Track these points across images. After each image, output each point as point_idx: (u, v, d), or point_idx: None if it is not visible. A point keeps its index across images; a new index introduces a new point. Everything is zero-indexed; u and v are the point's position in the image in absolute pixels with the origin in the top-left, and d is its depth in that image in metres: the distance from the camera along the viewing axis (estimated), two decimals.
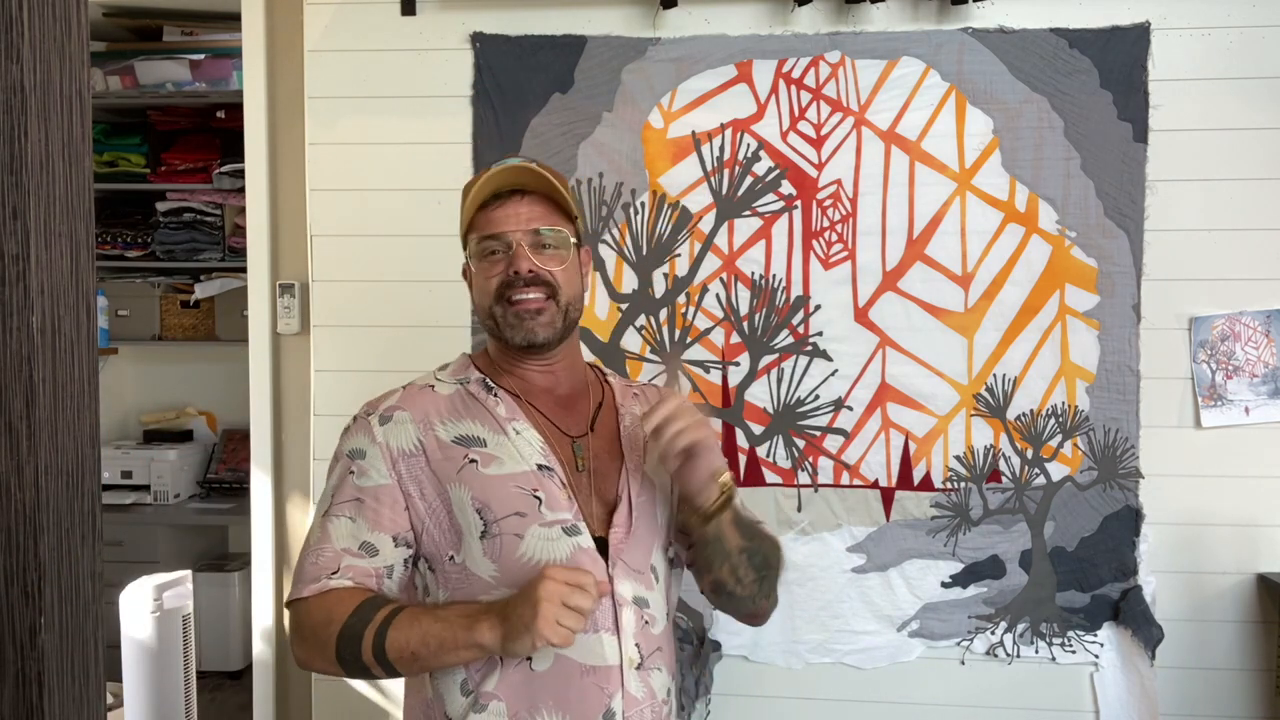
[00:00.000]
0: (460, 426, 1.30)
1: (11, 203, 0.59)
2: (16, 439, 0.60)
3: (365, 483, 1.27)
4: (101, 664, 0.68)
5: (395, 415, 1.31)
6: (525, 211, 1.32)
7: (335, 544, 1.23)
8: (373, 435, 1.29)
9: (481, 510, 1.24)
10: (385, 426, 1.30)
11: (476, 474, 1.26)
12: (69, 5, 0.63)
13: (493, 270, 1.32)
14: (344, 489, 1.27)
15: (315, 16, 2.52)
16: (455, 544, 1.25)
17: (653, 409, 1.22)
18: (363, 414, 1.33)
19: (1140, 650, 2.40)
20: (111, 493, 3.68)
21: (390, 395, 1.35)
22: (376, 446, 1.28)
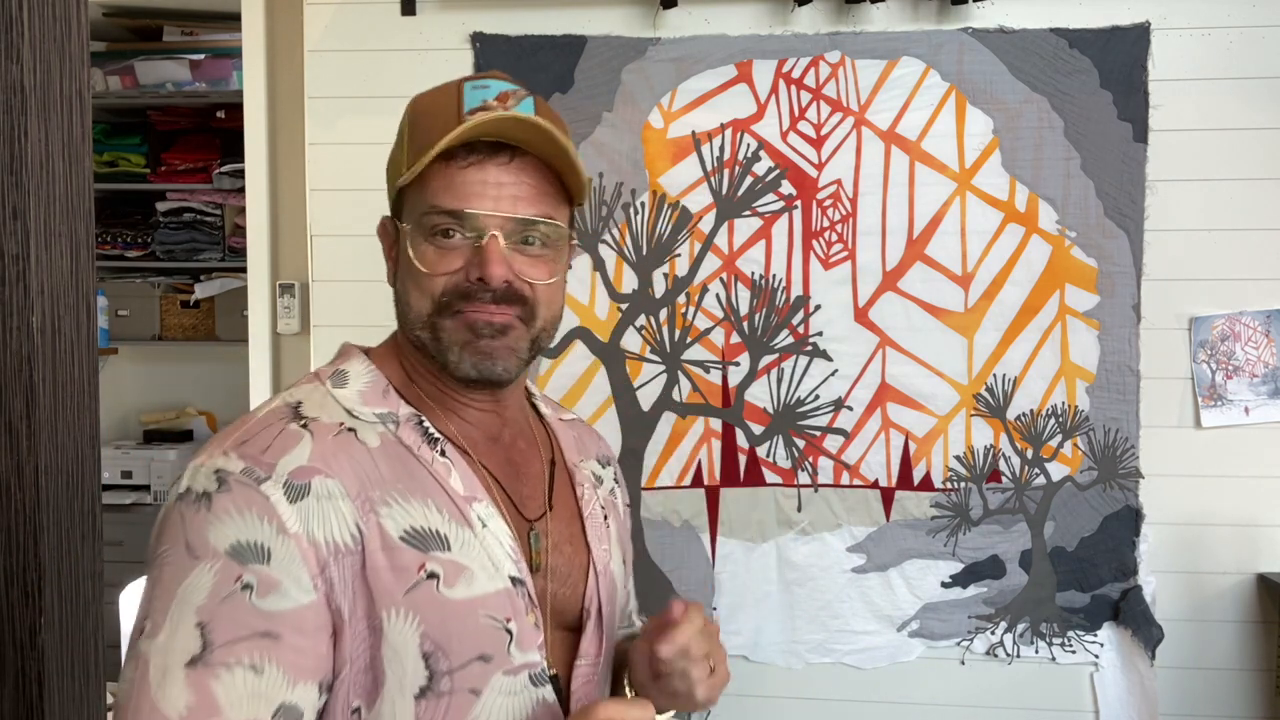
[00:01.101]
0: (410, 511, 0.83)
1: (11, 203, 0.60)
2: (16, 439, 0.60)
3: (275, 604, 0.76)
4: (102, 664, 0.68)
5: (315, 484, 0.80)
6: (511, 185, 0.88)
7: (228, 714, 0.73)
8: (280, 520, 0.77)
9: (432, 655, 0.81)
10: (301, 504, 0.78)
11: (435, 597, 0.82)
12: (69, 5, 0.63)
13: (444, 263, 0.87)
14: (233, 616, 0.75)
15: (315, 16, 2.52)
16: (366, 695, 0.81)
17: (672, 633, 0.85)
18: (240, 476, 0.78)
19: (1140, 650, 2.40)
20: (111, 493, 3.68)
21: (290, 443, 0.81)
22: (290, 541, 0.77)
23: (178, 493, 0.80)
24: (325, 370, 0.92)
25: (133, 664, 0.74)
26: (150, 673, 0.73)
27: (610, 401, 2.47)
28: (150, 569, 0.78)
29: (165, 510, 0.80)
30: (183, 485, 0.80)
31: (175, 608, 0.75)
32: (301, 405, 0.85)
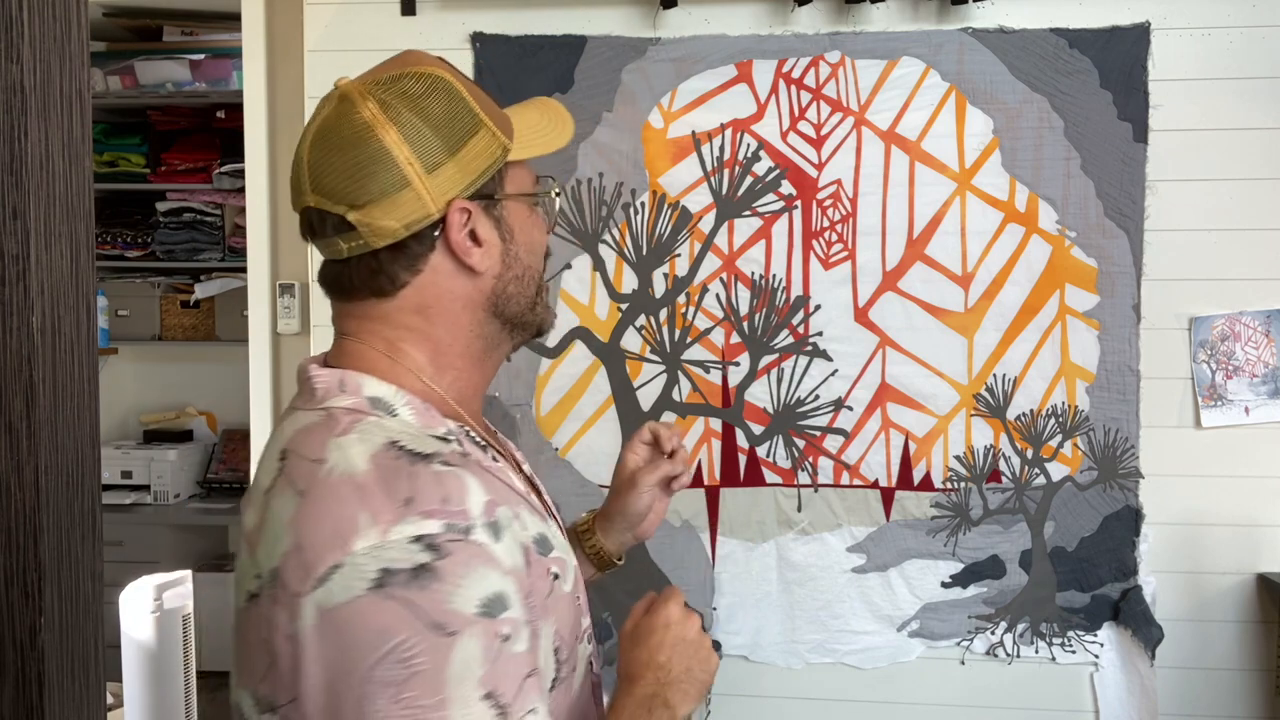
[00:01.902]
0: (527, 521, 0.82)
1: (11, 203, 0.60)
2: (16, 439, 0.60)
3: (524, 645, 0.75)
4: (102, 664, 0.68)
5: (499, 515, 0.77)
6: None
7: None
8: (497, 561, 0.74)
9: (559, 650, 0.83)
10: (502, 540, 0.76)
11: (560, 596, 0.83)
12: (69, 5, 0.63)
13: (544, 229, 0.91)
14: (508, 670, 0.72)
15: (315, 16, 2.52)
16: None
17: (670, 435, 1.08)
18: (455, 531, 0.72)
19: (1140, 650, 2.40)
20: (111, 493, 3.68)
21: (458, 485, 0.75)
22: (509, 578, 0.75)
23: (372, 577, 0.68)
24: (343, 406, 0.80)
25: None
26: None
27: (610, 401, 2.47)
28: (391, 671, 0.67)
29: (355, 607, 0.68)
30: (371, 570, 0.68)
31: (455, 691, 0.68)
32: (401, 443, 0.76)
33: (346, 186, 0.79)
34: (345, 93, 0.81)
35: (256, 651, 0.73)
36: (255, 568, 0.75)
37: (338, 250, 0.82)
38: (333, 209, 0.80)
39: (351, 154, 0.79)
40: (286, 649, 0.70)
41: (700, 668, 0.89)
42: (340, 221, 0.80)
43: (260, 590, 0.73)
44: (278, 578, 0.71)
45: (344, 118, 0.80)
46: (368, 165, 0.79)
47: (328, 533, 0.70)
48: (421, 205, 0.80)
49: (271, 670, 0.72)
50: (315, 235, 0.83)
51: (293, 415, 0.82)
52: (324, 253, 0.84)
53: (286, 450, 0.78)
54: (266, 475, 0.78)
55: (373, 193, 0.79)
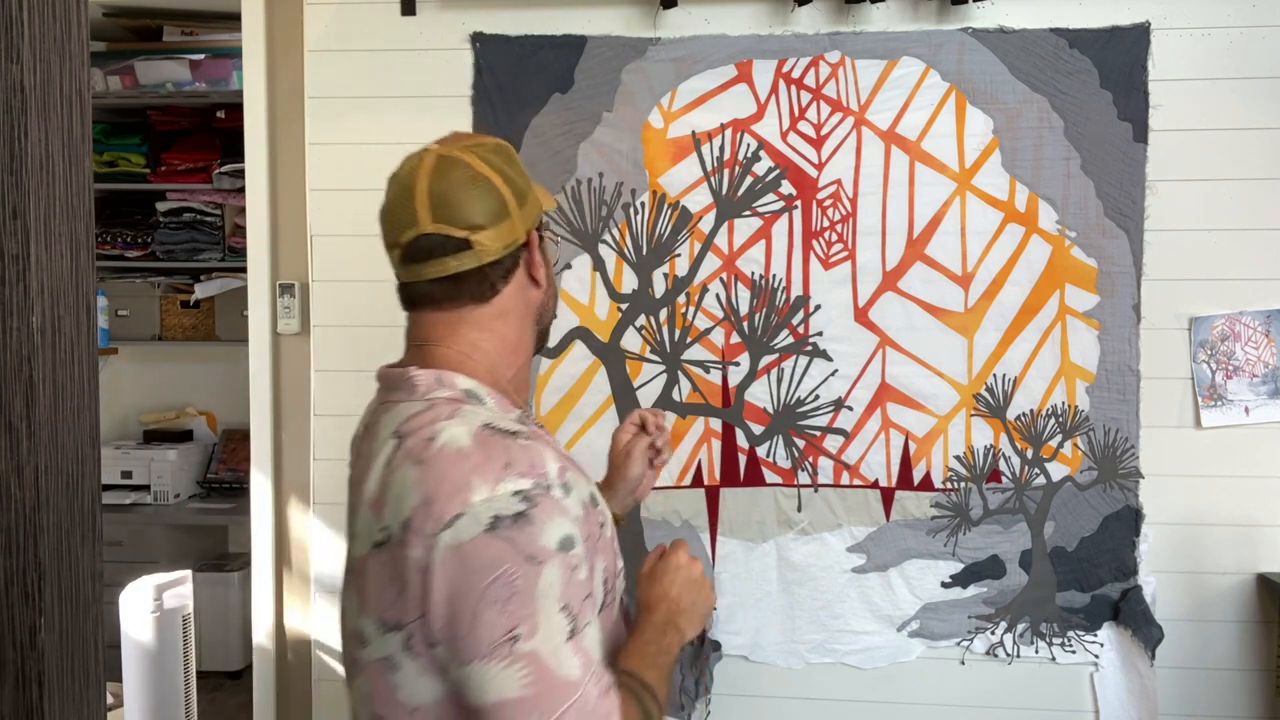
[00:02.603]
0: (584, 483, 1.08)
1: (11, 203, 0.59)
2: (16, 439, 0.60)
3: (584, 575, 0.99)
4: (101, 664, 0.68)
5: (568, 478, 1.02)
6: None
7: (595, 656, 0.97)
8: (569, 513, 0.98)
9: (605, 582, 1.07)
10: (571, 496, 1.01)
11: (605, 542, 1.08)
12: (69, 5, 0.63)
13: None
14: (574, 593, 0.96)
15: (315, 16, 2.52)
16: None
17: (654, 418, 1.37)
18: (539, 490, 0.96)
19: (1140, 650, 2.40)
20: (111, 493, 3.68)
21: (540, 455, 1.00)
22: (576, 524, 0.99)
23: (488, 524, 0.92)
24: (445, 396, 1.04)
25: (522, 664, 0.90)
26: (546, 659, 0.91)
27: (610, 401, 2.47)
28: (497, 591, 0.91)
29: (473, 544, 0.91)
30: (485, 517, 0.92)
31: (541, 606, 0.92)
32: (493, 424, 1.00)
33: (469, 216, 1.05)
34: (444, 154, 1.07)
35: (384, 585, 0.95)
36: (381, 522, 0.97)
37: (445, 268, 1.06)
38: (455, 233, 1.05)
39: (473, 192, 1.05)
40: (417, 578, 0.93)
41: (703, 601, 1.16)
42: (460, 243, 1.05)
43: (388, 538, 0.95)
44: (409, 526, 0.93)
45: (459, 168, 1.06)
46: (489, 199, 1.06)
47: (449, 490, 0.93)
48: (514, 231, 1.08)
49: (401, 596, 0.94)
50: (424, 257, 1.06)
51: (395, 407, 1.05)
52: (428, 272, 1.07)
53: (400, 432, 1.00)
54: (383, 453, 1.00)
55: (492, 220, 1.06)
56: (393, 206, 1.08)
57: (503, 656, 0.90)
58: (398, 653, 0.96)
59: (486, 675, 0.91)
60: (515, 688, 0.90)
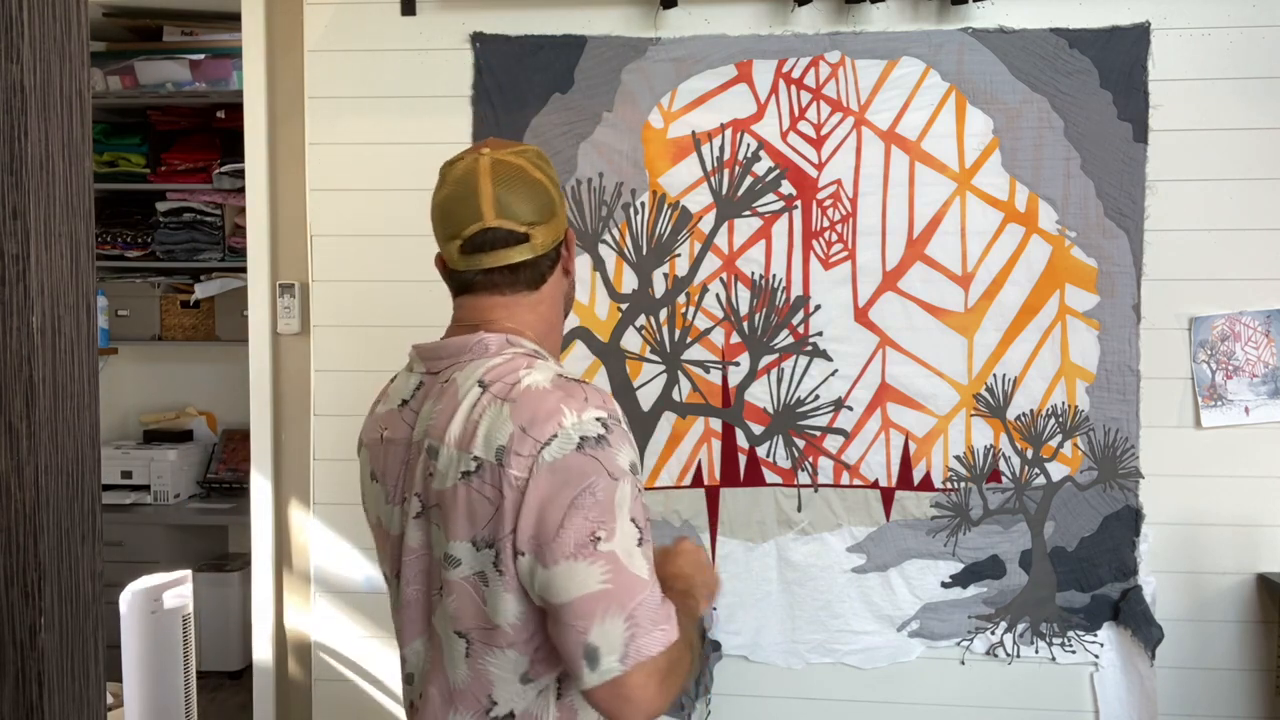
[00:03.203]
0: None
1: (11, 203, 0.59)
2: (16, 439, 0.60)
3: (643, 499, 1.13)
4: (101, 664, 0.68)
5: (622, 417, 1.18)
6: None
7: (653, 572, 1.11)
8: (632, 443, 1.14)
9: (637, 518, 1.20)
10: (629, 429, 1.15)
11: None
12: (69, 5, 0.63)
13: None
14: (639, 511, 1.10)
15: (315, 16, 2.52)
16: None
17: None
18: (613, 419, 1.11)
19: (1140, 650, 2.40)
20: (111, 493, 3.68)
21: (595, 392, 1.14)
22: (636, 455, 1.14)
23: (578, 442, 1.07)
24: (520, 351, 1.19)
25: (603, 562, 1.04)
26: (622, 559, 1.05)
27: None
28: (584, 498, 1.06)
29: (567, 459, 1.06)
30: (575, 436, 1.07)
31: (618, 514, 1.06)
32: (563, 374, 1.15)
33: (530, 213, 1.19)
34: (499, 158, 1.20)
35: (477, 508, 1.09)
36: (470, 453, 1.09)
37: (505, 258, 1.19)
38: (517, 229, 1.19)
39: (530, 193, 1.20)
40: (514, 494, 1.06)
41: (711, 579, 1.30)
42: (520, 237, 1.19)
43: (479, 466, 1.08)
44: (506, 450, 1.07)
45: (517, 171, 1.20)
46: (543, 198, 1.21)
47: (543, 416, 1.07)
48: (561, 227, 1.24)
49: (496, 514, 1.07)
50: (487, 248, 1.19)
51: (470, 364, 1.17)
52: (488, 261, 1.19)
53: (484, 380, 1.13)
54: (466, 401, 1.13)
55: (545, 217, 1.20)
56: (453, 203, 1.20)
57: (587, 555, 1.04)
58: (488, 569, 1.09)
59: (572, 572, 1.04)
60: (596, 582, 1.04)
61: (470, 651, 1.13)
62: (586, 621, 1.03)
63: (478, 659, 1.12)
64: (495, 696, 1.12)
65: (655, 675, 1.05)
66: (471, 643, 1.12)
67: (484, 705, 1.13)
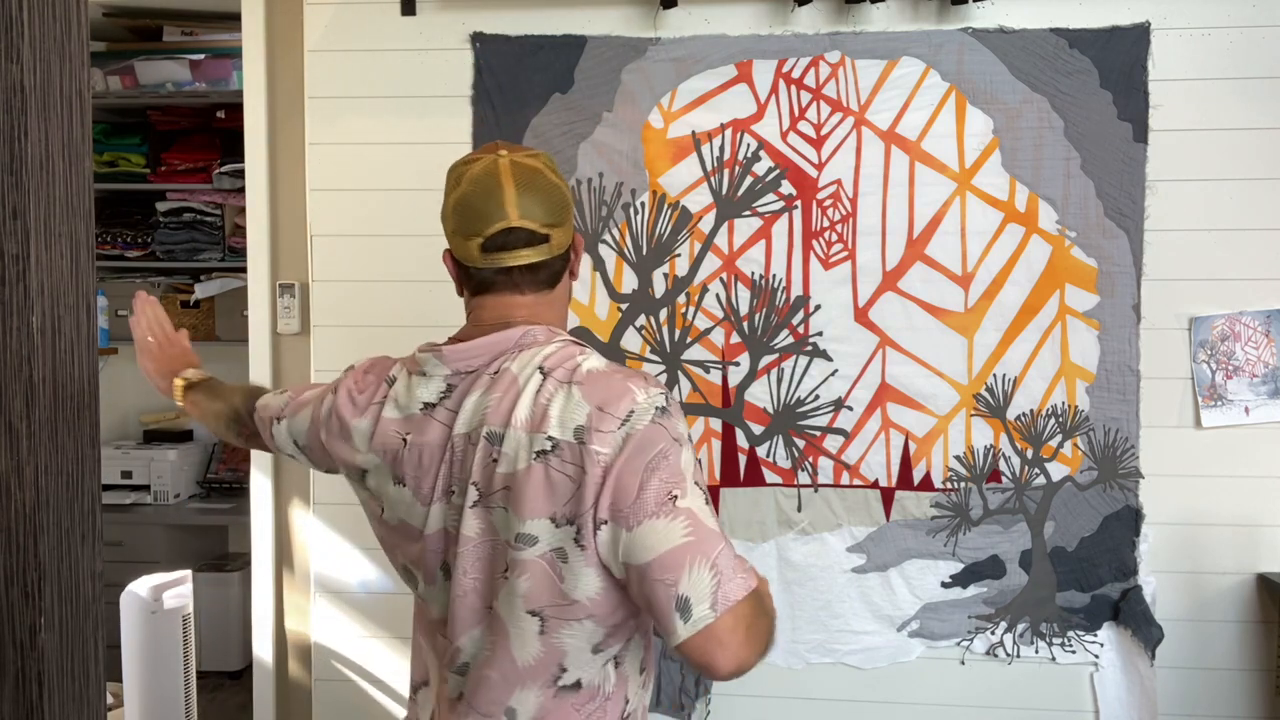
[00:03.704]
0: None
1: (11, 203, 0.59)
2: (16, 439, 0.60)
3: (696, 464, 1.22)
4: (101, 664, 0.68)
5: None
6: None
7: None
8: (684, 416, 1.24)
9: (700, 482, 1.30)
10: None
11: None
12: (69, 5, 0.63)
13: None
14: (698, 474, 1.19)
15: (315, 16, 2.52)
16: None
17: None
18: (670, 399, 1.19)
19: (1140, 650, 2.40)
20: (111, 493, 3.68)
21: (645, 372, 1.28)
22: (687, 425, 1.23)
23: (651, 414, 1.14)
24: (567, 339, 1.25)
25: (683, 517, 1.10)
26: (699, 514, 1.11)
27: None
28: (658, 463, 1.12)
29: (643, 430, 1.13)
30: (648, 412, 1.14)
31: (687, 474, 1.14)
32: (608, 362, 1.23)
33: (549, 215, 1.23)
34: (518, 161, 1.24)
35: (558, 486, 1.13)
36: (544, 434, 1.14)
37: (525, 257, 1.24)
38: (537, 229, 1.23)
39: (553, 195, 1.24)
40: (597, 470, 1.12)
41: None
42: (541, 237, 1.23)
43: (555, 445, 1.14)
44: (586, 429, 1.13)
45: (538, 175, 1.24)
46: (560, 201, 1.25)
47: (617, 394, 1.14)
48: (572, 230, 1.29)
49: (577, 491, 1.12)
50: (509, 247, 1.23)
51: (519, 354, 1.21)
52: (508, 260, 1.23)
53: (545, 368, 1.19)
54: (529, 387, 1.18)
55: (562, 220, 1.25)
56: (475, 201, 1.23)
57: (668, 512, 1.10)
58: (569, 544, 1.13)
59: (656, 528, 1.10)
60: (680, 535, 1.09)
61: (545, 628, 1.17)
62: (676, 573, 1.08)
63: (552, 634, 1.17)
64: (565, 665, 1.18)
65: (742, 621, 1.09)
66: (546, 620, 1.16)
67: (553, 674, 1.18)
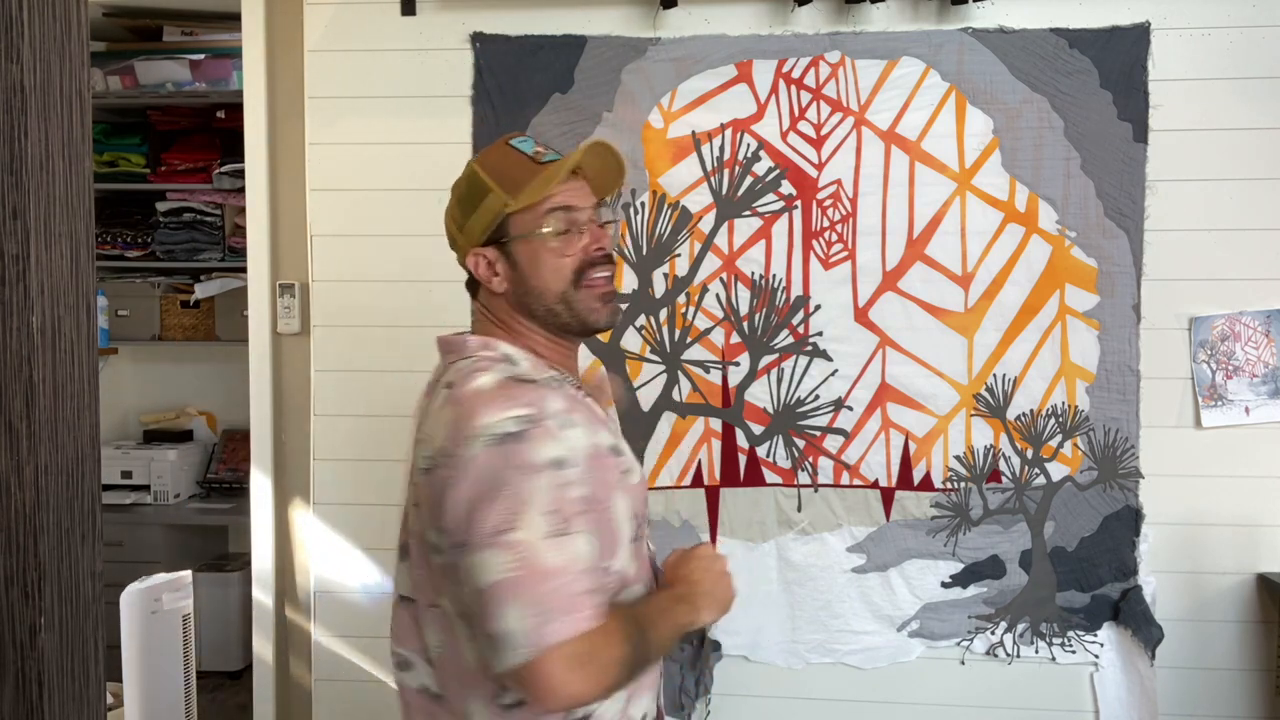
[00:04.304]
0: (602, 434, 1.24)
1: (11, 203, 0.59)
2: (16, 439, 0.60)
3: (579, 492, 1.15)
4: (101, 664, 0.68)
5: (572, 418, 1.18)
6: (585, 188, 1.29)
7: (581, 563, 1.12)
8: (564, 441, 1.15)
9: (635, 518, 1.25)
10: (570, 432, 1.16)
11: (628, 484, 1.25)
12: (69, 5, 0.63)
13: (569, 248, 1.24)
14: (562, 504, 1.12)
15: (315, 16, 2.52)
16: (611, 552, 1.20)
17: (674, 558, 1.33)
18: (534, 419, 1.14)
19: (1140, 650, 2.40)
20: (111, 493, 3.68)
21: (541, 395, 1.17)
22: (574, 453, 1.16)
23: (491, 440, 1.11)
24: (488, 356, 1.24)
25: (506, 552, 1.08)
26: (529, 550, 1.08)
27: (609, 402, 2.47)
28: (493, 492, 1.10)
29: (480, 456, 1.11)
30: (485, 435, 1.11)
31: (531, 505, 1.10)
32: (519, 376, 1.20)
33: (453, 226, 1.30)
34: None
35: (438, 498, 1.14)
36: (426, 452, 1.17)
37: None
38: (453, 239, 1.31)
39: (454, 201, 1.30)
40: (446, 491, 1.12)
41: (722, 592, 1.28)
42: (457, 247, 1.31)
43: (431, 465, 1.16)
44: (443, 451, 1.14)
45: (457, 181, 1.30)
46: (451, 212, 1.30)
47: (466, 418, 1.13)
48: (471, 240, 1.27)
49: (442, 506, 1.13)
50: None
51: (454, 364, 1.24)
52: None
53: (448, 382, 1.21)
54: (436, 400, 1.21)
55: (454, 230, 1.30)
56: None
57: (495, 544, 1.08)
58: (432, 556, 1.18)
59: (482, 559, 1.09)
60: (503, 570, 1.08)
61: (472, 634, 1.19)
62: (494, 608, 1.08)
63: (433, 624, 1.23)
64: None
65: (570, 661, 1.08)
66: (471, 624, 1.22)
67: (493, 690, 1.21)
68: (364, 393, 2.54)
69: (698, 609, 1.24)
